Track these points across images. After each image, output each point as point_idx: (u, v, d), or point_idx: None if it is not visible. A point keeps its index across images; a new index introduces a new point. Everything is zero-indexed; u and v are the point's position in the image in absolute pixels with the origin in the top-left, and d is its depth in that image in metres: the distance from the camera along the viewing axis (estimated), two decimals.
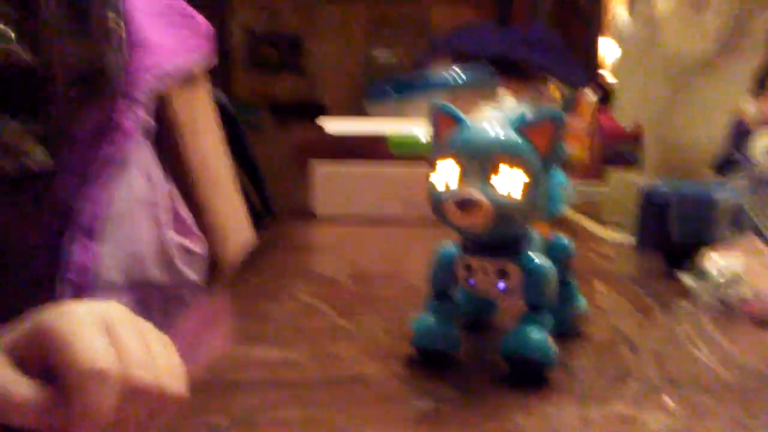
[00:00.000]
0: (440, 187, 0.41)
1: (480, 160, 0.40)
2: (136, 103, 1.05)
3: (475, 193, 0.39)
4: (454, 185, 0.41)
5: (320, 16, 6.81)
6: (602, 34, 4.09)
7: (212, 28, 1.32)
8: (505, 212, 0.40)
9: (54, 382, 0.30)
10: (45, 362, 0.30)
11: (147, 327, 0.34)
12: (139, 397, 0.30)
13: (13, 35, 0.67)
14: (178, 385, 0.33)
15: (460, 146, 0.42)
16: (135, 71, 1.06)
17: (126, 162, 1.05)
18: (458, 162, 0.41)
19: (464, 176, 0.40)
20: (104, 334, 0.31)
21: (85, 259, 1.02)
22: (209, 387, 0.43)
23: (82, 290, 1.01)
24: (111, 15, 0.79)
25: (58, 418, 0.29)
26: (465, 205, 0.40)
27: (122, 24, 1.09)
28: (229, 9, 6.56)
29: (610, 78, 1.32)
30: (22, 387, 0.29)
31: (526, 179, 0.40)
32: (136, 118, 1.05)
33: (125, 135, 1.04)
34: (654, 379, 0.44)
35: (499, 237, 0.43)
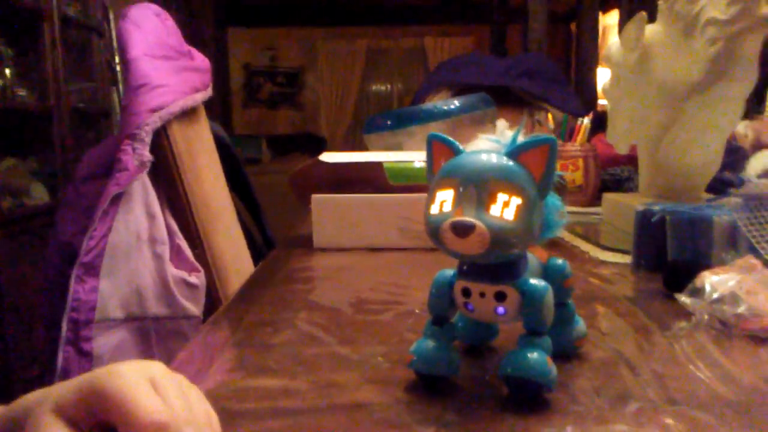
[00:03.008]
0: (438, 214, 0.42)
1: (476, 187, 0.41)
2: (138, 141, 1.06)
3: (472, 219, 0.40)
4: (450, 212, 0.41)
5: (318, 51, 6.91)
6: (598, 62, 4.14)
7: (210, 63, 1.35)
8: (501, 237, 0.40)
9: None
10: (96, 421, 0.32)
11: (184, 381, 0.36)
12: None
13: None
14: None
15: (457, 174, 0.43)
16: (138, 111, 1.09)
17: (127, 198, 1.07)
18: (455, 189, 0.42)
19: (461, 203, 0.41)
20: (153, 391, 0.33)
21: (87, 296, 1.02)
22: None
23: (84, 326, 1.01)
24: (113, 58, 0.81)
25: None
26: (462, 230, 0.40)
27: (125, 66, 1.12)
28: (228, 46, 6.65)
29: (605, 104, 1.33)
30: None
31: (522, 205, 0.41)
32: (138, 155, 1.07)
33: (127, 172, 1.05)
34: (654, 399, 0.44)
35: (496, 261, 0.43)
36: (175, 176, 1.14)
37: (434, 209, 0.43)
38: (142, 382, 0.33)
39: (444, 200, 0.42)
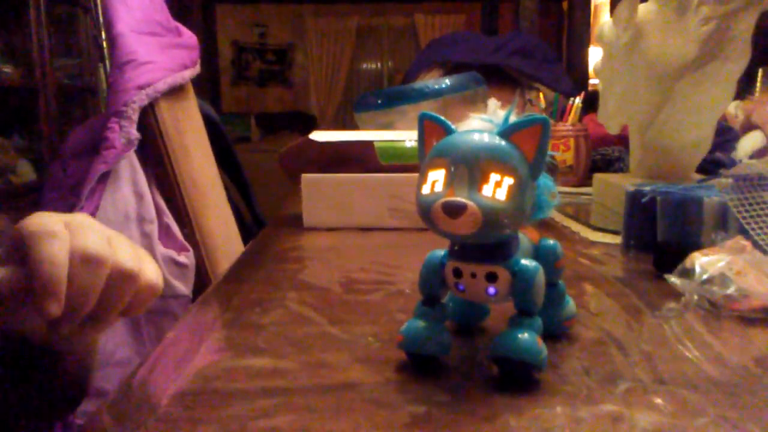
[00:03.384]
0: (429, 194, 0.42)
1: (468, 166, 0.41)
2: (125, 119, 1.05)
3: (464, 199, 0.40)
4: (442, 192, 0.41)
5: (307, 28, 6.83)
6: (590, 41, 4.13)
7: (198, 40, 1.33)
8: (493, 217, 0.40)
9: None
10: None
11: (116, 233, 0.39)
12: (92, 267, 0.35)
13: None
14: (137, 266, 0.38)
15: (448, 154, 0.42)
16: (125, 88, 1.07)
17: (114, 177, 1.06)
18: (446, 169, 0.42)
19: (452, 183, 0.41)
20: (60, 222, 0.36)
21: None
22: (200, 397, 0.43)
23: None
24: (100, 34, 0.81)
25: (21, 282, 0.35)
26: (453, 210, 0.40)
27: (112, 42, 1.10)
28: (216, 22, 6.57)
29: (596, 83, 1.33)
30: None
31: (514, 185, 0.40)
32: (125, 133, 1.06)
33: (114, 150, 1.04)
34: (643, 379, 0.44)
35: (487, 242, 0.43)
36: (163, 154, 1.13)
37: (426, 189, 0.42)
38: (47, 214, 0.37)
39: (435, 180, 0.42)
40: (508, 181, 0.40)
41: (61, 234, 0.35)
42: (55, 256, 0.34)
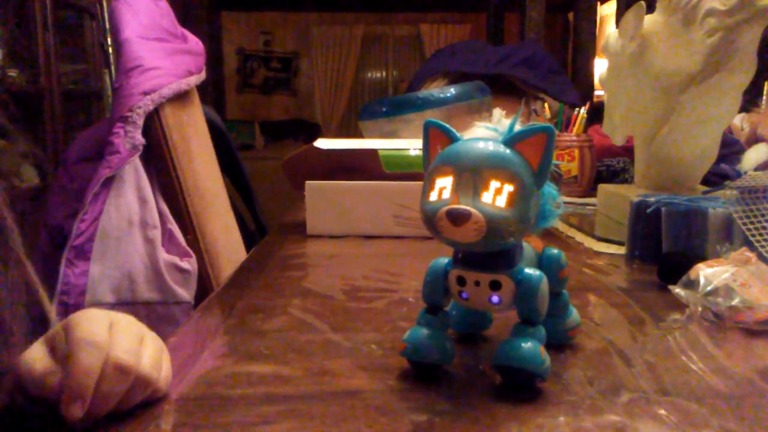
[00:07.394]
0: (433, 202, 0.42)
1: (472, 175, 0.41)
2: (131, 124, 1.05)
3: (468, 207, 0.40)
4: (447, 200, 0.41)
5: (313, 36, 6.85)
6: (595, 52, 4.13)
7: (204, 46, 1.33)
8: (497, 225, 0.40)
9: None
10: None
11: (149, 333, 0.43)
12: (120, 376, 0.38)
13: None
14: (157, 376, 0.41)
15: (453, 162, 0.42)
16: (130, 94, 1.07)
17: (118, 182, 1.06)
18: (452, 177, 0.41)
19: (457, 191, 0.41)
20: (106, 326, 0.39)
21: (77, 280, 1.02)
22: (204, 403, 0.43)
23: (74, 311, 1.01)
24: (106, 39, 0.81)
25: (56, 380, 0.38)
26: (457, 218, 0.40)
27: (118, 47, 1.10)
28: (222, 29, 6.59)
29: (601, 94, 1.33)
30: (40, 360, 0.39)
31: (518, 193, 0.40)
32: (130, 138, 1.06)
33: (119, 155, 1.04)
34: (646, 390, 0.44)
35: (491, 250, 0.43)
36: (167, 160, 1.13)
37: (430, 197, 0.42)
38: (94, 317, 0.40)
39: (441, 187, 0.42)
40: (513, 189, 0.40)
41: (102, 343, 0.38)
42: (90, 367, 0.38)
